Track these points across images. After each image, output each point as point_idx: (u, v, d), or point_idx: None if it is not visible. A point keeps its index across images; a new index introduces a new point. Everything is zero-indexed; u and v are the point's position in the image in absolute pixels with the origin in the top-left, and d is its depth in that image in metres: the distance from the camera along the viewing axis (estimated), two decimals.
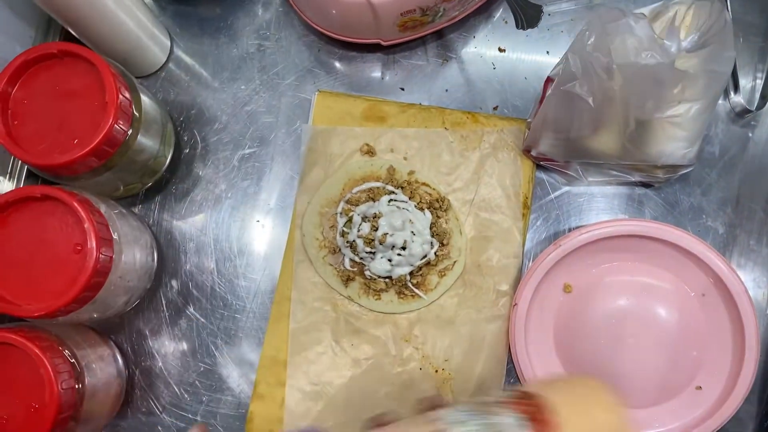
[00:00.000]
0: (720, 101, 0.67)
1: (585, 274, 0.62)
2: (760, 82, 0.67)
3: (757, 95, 0.66)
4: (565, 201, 0.66)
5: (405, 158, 0.66)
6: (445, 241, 0.64)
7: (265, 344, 0.64)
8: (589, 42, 0.54)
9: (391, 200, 0.64)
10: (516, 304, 0.60)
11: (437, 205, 0.65)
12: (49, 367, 0.51)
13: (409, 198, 0.64)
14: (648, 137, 0.58)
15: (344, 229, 0.64)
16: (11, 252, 0.53)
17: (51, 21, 0.65)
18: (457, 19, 0.66)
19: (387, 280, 0.64)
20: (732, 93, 0.66)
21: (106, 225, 0.54)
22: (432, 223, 0.64)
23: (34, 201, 0.53)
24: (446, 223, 0.65)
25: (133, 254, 0.59)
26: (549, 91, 0.60)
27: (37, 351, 0.51)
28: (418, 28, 0.65)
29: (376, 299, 0.64)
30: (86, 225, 0.52)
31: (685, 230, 0.59)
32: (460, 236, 0.65)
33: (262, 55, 0.70)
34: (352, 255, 0.63)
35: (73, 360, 0.55)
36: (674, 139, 0.57)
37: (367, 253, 0.63)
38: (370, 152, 0.66)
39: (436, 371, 0.63)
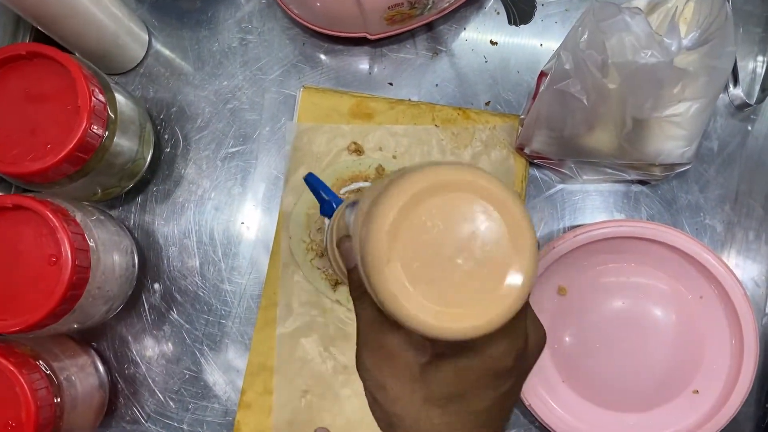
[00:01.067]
0: (719, 95, 0.65)
1: (580, 276, 0.60)
2: (760, 75, 0.65)
3: (757, 88, 0.64)
4: (560, 199, 0.64)
5: (394, 157, 0.64)
6: None
7: (251, 351, 0.62)
8: (582, 39, 0.52)
9: None
10: None
11: None
12: (24, 384, 0.49)
13: None
14: (645, 136, 0.56)
15: None
16: None
17: (20, 20, 0.62)
18: (447, 11, 0.63)
19: None
20: (731, 86, 0.64)
21: (82, 234, 0.52)
22: None
23: (5, 211, 0.51)
24: None
25: (113, 261, 0.57)
26: (542, 88, 0.58)
27: (11, 368, 0.49)
28: (406, 21, 0.62)
29: None
30: (60, 236, 0.49)
31: (683, 231, 0.57)
32: None
33: (245, 50, 0.67)
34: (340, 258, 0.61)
35: (50, 373, 0.53)
36: (673, 138, 0.55)
37: None
38: (358, 151, 0.64)
39: None
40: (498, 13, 0.67)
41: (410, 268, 0.25)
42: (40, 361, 0.53)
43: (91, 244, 0.53)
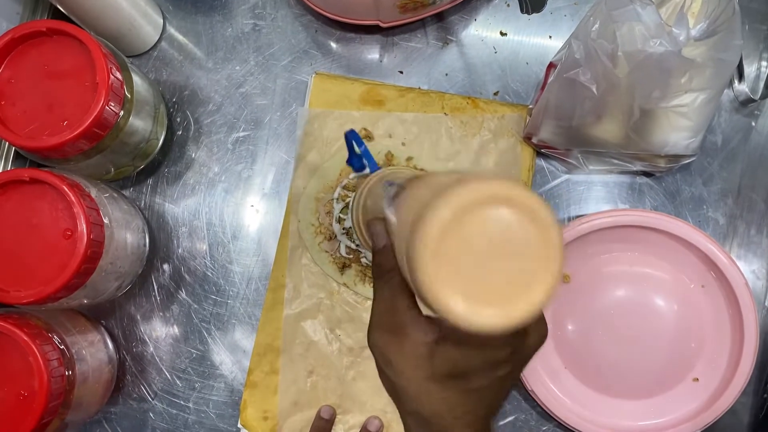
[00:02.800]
0: (725, 90, 0.66)
1: (584, 264, 0.61)
2: (764, 71, 0.66)
3: (762, 84, 0.65)
4: (565, 189, 0.65)
5: (403, 144, 0.65)
6: None
7: (259, 331, 0.63)
8: (594, 28, 0.52)
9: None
10: None
11: None
12: (38, 354, 0.50)
13: None
14: (652, 126, 0.57)
15: (341, 215, 0.63)
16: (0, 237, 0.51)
17: (38, 2, 0.63)
18: (458, 1, 0.64)
19: None
20: (736, 82, 0.65)
21: (96, 210, 0.53)
22: None
23: (22, 184, 0.52)
24: None
25: (125, 239, 0.58)
26: (551, 78, 0.58)
27: (25, 338, 0.50)
28: (419, 10, 0.63)
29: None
30: (76, 210, 0.50)
31: (686, 221, 0.58)
32: None
33: (258, 35, 0.68)
34: (348, 242, 0.62)
35: (63, 347, 0.54)
36: (679, 128, 0.56)
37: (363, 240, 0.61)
38: (367, 137, 0.65)
39: None
40: (508, 5, 0.68)
41: (454, 271, 0.29)
42: (53, 335, 0.54)
43: (105, 220, 0.54)
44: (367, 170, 0.52)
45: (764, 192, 0.65)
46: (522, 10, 0.54)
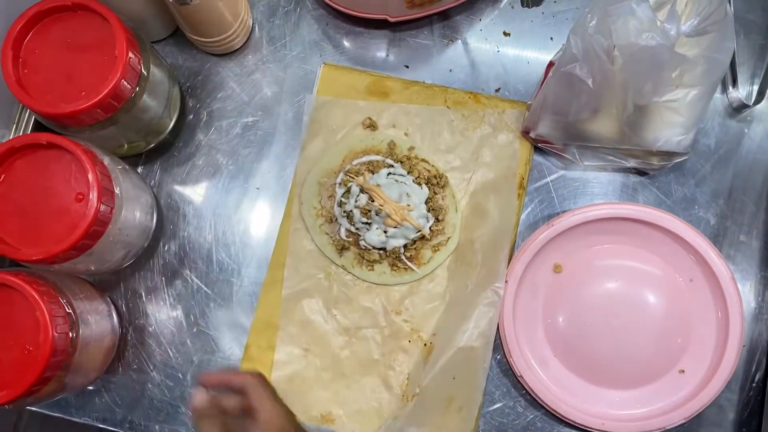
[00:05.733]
0: (718, 95, 0.68)
1: (576, 254, 0.63)
2: (758, 79, 0.68)
3: (755, 90, 0.67)
4: (561, 185, 0.67)
5: (406, 134, 0.67)
6: (440, 217, 0.65)
7: (258, 308, 0.65)
8: (591, 24, 0.55)
9: (389, 173, 0.65)
10: (506, 280, 0.61)
11: (435, 182, 0.66)
12: (45, 310, 0.52)
13: (408, 172, 0.65)
14: (645, 122, 0.59)
15: (342, 199, 0.65)
16: (14, 197, 0.54)
17: None
18: (464, 0, 0.67)
19: (381, 251, 0.65)
20: (730, 87, 0.67)
21: (108, 177, 0.55)
22: (428, 198, 0.65)
23: (39, 148, 0.54)
24: (443, 199, 0.66)
25: (133, 210, 0.60)
26: (550, 74, 0.61)
27: (34, 294, 0.52)
28: (426, 6, 0.66)
29: (369, 270, 0.65)
30: (89, 174, 0.53)
31: (676, 216, 0.60)
32: (456, 213, 0.66)
33: (271, 26, 0.71)
34: (348, 225, 0.64)
35: (70, 310, 0.56)
36: (671, 125, 0.58)
37: (363, 223, 0.64)
38: (372, 126, 0.67)
39: (425, 345, 0.64)
40: (512, 7, 0.70)
41: None
42: (61, 296, 0.56)
43: (116, 190, 0.56)
44: None
45: (755, 195, 0.67)
46: (523, 4, 0.57)
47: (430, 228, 0.65)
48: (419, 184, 0.65)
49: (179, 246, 0.68)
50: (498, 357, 0.64)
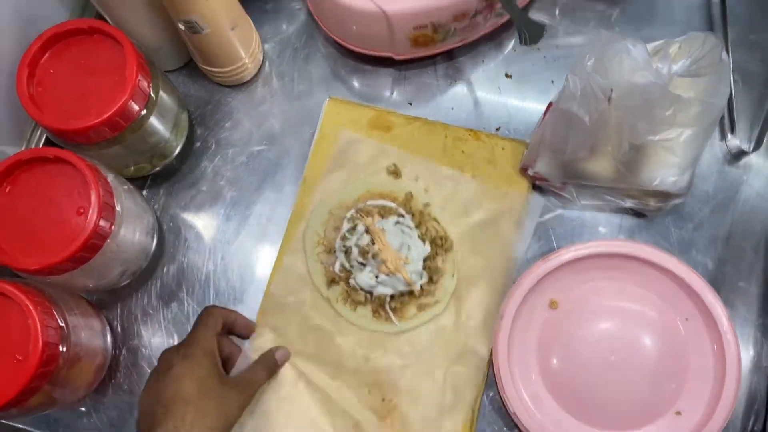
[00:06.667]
0: (717, 141, 0.69)
1: (572, 291, 0.63)
2: (757, 127, 0.68)
3: (754, 138, 0.68)
4: (558, 224, 0.68)
5: (426, 190, 0.68)
6: (435, 279, 0.65)
7: (255, 333, 0.65)
8: (589, 63, 0.56)
9: (398, 222, 0.65)
10: (501, 316, 0.61)
11: (439, 243, 0.66)
12: (37, 319, 0.52)
13: (416, 226, 0.66)
14: (641, 161, 0.60)
15: (346, 233, 0.66)
16: (17, 209, 0.55)
17: (87, 3, 0.69)
18: (467, 41, 0.69)
19: (368, 294, 0.65)
20: (729, 134, 0.68)
21: (110, 192, 0.56)
22: (428, 257, 0.65)
23: (46, 162, 0.56)
24: (442, 262, 0.66)
25: (134, 228, 0.61)
26: (549, 112, 0.62)
27: (28, 303, 0.52)
28: (429, 46, 0.68)
29: (352, 309, 0.65)
30: (91, 188, 0.54)
31: (673, 254, 0.60)
32: (452, 279, 0.65)
33: (281, 61, 0.73)
34: (344, 260, 0.65)
35: (63, 323, 0.56)
36: (666, 164, 0.59)
37: (358, 263, 0.64)
38: (395, 173, 0.68)
39: (383, 399, 0.63)
40: (515, 51, 0.72)
41: None
42: (55, 309, 0.56)
43: (117, 207, 0.57)
44: None
45: (754, 242, 0.66)
46: (521, 42, 0.58)
47: (421, 286, 0.64)
48: (423, 240, 0.65)
49: (178, 270, 0.68)
50: (491, 394, 0.63)
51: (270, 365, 0.62)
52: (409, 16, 0.63)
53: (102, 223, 0.54)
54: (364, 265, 0.64)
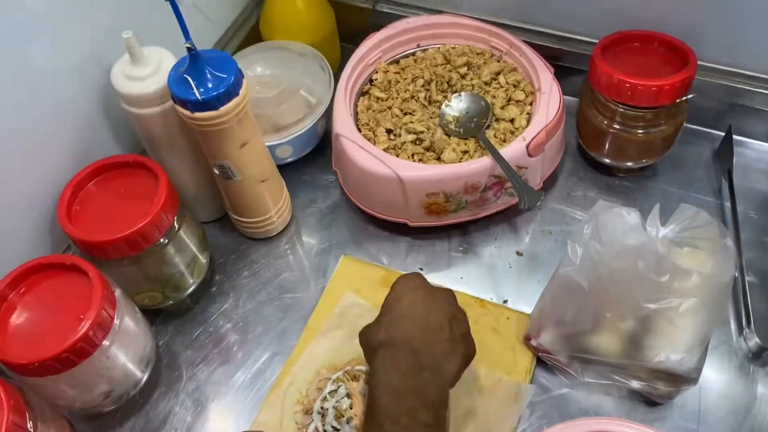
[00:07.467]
0: (733, 338, 0.66)
1: None
2: None
3: None
4: (563, 403, 0.64)
5: None
6: None
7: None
8: (587, 231, 0.58)
9: None
10: None
11: None
12: (5, 409, 0.51)
13: None
14: (645, 336, 0.58)
15: (327, 395, 0.64)
16: (27, 309, 0.58)
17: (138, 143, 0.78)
18: (479, 216, 0.73)
19: None
20: (746, 329, 0.66)
21: (113, 304, 0.59)
22: None
23: (63, 269, 0.59)
24: None
25: (128, 349, 0.61)
26: (550, 279, 0.63)
27: (2, 394, 0.52)
28: (442, 215, 0.72)
29: None
30: (93, 293, 0.57)
31: None
32: None
33: (307, 224, 0.79)
34: (319, 423, 0.63)
35: (32, 429, 0.55)
36: (670, 340, 0.57)
37: (332, 427, 0.62)
38: None
39: None
40: (527, 233, 0.75)
41: None
42: (30, 415, 0.55)
43: (116, 321, 0.59)
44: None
45: None
46: (520, 206, 0.61)
47: None
48: None
49: (167, 407, 0.67)
50: None
51: None
52: (422, 183, 0.68)
53: (95, 330, 0.56)
54: (337, 430, 0.62)
